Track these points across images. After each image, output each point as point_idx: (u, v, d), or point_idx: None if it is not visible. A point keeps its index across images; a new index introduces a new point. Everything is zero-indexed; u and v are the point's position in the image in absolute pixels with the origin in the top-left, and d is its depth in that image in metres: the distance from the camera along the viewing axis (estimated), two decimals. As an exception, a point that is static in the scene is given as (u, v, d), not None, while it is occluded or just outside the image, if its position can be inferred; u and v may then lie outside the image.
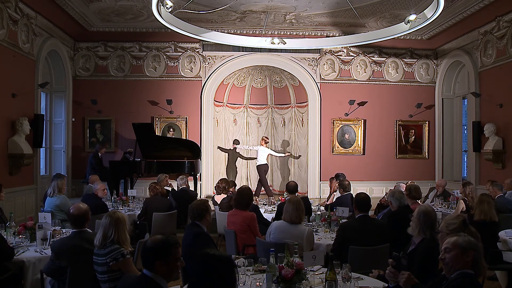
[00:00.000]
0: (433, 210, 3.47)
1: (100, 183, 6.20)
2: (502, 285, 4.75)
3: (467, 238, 2.47)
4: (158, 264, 2.30)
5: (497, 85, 8.66)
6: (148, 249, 2.36)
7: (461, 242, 2.45)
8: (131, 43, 10.48)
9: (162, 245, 2.34)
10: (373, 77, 10.93)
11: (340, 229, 4.16)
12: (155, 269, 2.31)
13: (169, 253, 2.33)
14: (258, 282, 3.01)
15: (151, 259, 2.32)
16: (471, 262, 2.41)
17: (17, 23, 7.61)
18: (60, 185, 5.77)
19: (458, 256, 2.43)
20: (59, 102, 10.07)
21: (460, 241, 2.46)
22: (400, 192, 4.98)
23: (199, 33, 8.42)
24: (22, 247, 4.09)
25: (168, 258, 2.32)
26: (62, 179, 6.01)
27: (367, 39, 8.69)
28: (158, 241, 2.36)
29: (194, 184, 9.33)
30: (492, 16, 8.45)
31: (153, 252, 2.33)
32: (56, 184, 5.75)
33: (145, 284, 2.31)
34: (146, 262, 2.35)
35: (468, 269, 2.41)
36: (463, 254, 2.41)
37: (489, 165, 8.74)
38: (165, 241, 2.36)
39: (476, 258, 2.42)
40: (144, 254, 2.38)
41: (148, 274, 2.33)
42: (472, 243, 2.45)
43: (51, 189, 5.78)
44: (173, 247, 2.36)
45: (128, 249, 3.19)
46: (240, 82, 11.37)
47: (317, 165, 10.78)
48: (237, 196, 4.86)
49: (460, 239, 2.47)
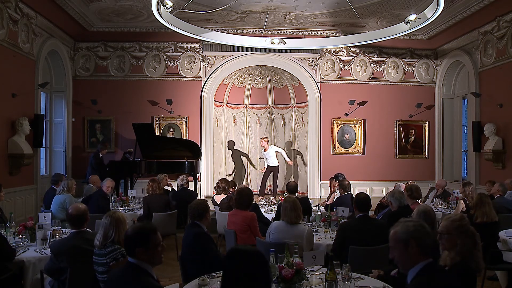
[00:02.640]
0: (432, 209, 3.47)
1: (109, 180, 6.40)
2: (502, 285, 4.75)
3: (405, 226, 2.20)
4: (138, 251, 2.38)
5: (497, 85, 8.66)
6: (128, 237, 2.45)
7: (399, 234, 2.19)
8: (131, 43, 10.48)
9: (141, 232, 2.42)
10: (373, 77, 10.93)
11: (340, 229, 4.16)
12: (136, 256, 2.38)
13: (148, 240, 2.40)
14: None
15: (132, 247, 2.40)
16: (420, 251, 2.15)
17: (17, 23, 7.61)
18: (70, 185, 6.05)
19: (402, 252, 2.19)
20: (59, 102, 10.07)
21: (398, 234, 2.20)
22: (400, 192, 4.98)
23: (199, 33, 8.42)
24: (22, 247, 4.10)
25: (148, 245, 2.39)
26: (72, 179, 6.38)
27: (367, 39, 8.69)
28: (137, 229, 2.46)
29: (194, 184, 9.33)
30: (492, 16, 8.45)
31: (133, 240, 2.41)
32: (67, 183, 6.03)
33: (130, 271, 2.39)
34: (128, 250, 2.45)
35: (423, 260, 2.16)
36: (406, 247, 2.16)
37: (489, 165, 8.74)
38: (144, 228, 2.46)
39: (422, 244, 2.15)
40: (126, 243, 2.47)
41: (133, 261, 2.41)
42: (410, 230, 2.17)
43: (60, 188, 6.03)
44: (152, 233, 2.43)
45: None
46: (240, 82, 11.37)
47: (317, 165, 10.78)
48: (237, 196, 4.87)
49: (398, 230, 2.21)
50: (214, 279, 3.07)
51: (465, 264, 2.65)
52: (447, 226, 2.81)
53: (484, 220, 4.70)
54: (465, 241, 2.71)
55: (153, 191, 6.47)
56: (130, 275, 2.36)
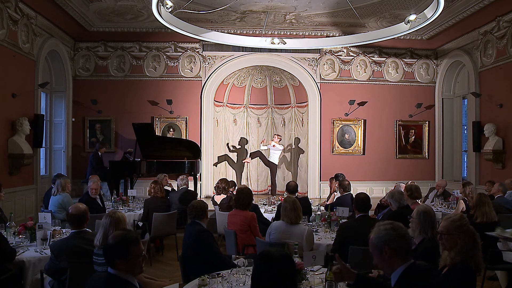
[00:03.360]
0: (432, 209, 3.47)
1: (94, 181, 6.03)
2: (502, 285, 4.75)
3: (378, 231, 2.16)
4: (118, 262, 2.27)
5: (497, 85, 8.66)
6: (107, 248, 2.34)
7: (373, 240, 2.15)
8: (131, 43, 10.48)
9: (121, 243, 2.29)
10: (373, 77, 10.93)
11: (340, 229, 4.16)
12: (117, 267, 2.28)
13: (128, 252, 2.27)
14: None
15: (111, 258, 2.30)
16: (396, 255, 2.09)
17: (17, 23, 7.61)
18: (64, 184, 5.84)
19: (379, 258, 2.15)
20: (59, 102, 10.07)
21: (373, 240, 2.16)
22: (400, 193, 4.97)
23: (199, 33, 8.42)
24: (22, 247, 4.09)
25: (127, 257, 2.27)
26: (65, 178, 6.06)
27: (367, 39, 8.69)
28: (117, 239, 2.32)
29: (194, 184, 9.33)
30: (492, 16, 8.45)
31: (112, 251, 2.30)
32: (60, 183, 5.83)
33: (111, 282, 2.29)
34: (107, 261, 2.33)
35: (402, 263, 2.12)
36: (381, 253, 2.13)
37: (489, 165, 8.74)
38: (124, 238, 2.31)
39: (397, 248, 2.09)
40: (105, 253, 2.37)
41: (113, 272, 2.30)
42: (382, 235, 2.13)
43: (55, 188, 5.85)
44: (132, 244, 2.30)
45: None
46: (240, 82, 11.37)
47: (317, 165, 10.78)
48: (237, 196, 4.87)
49: (372, 236, 2.17)
50: (214, 279, 3.06)
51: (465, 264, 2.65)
52: (447, 226, 2.81)
53: (484, 220, 4.71)
54: (465, 241, 2.71)
55: (155, 193, 6.46)
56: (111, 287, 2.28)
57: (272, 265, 2.09)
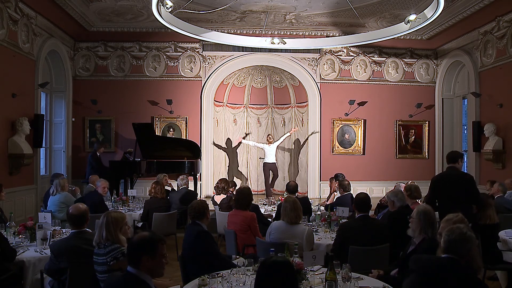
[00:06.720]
0: (432, 209, 3.47)
1: (103, 180, 6.29)
2: (502, 285, 4.75)
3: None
4: (144, 259, 2.32)
5: (497, 85, 8.66)
6: (134, 244, 2.38)
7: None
8: (131, 43, 10.48)
9: (149, 240, 2.37)
10: (373, 77, 10.93)
11: (340, 229, 4.16)
12: (141, 265, 2.32)
13: (156, 249, 2.35)
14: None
15: (137, 254, 2.34)
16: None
17: (17, 23, 7.61)
18: (62, 183, 5.91)
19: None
20: (59, 102, 10.07)
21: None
22: (402, 192, 5.00)
23: (199, 33, 8.42)
24: (22, 247, 4.09)
25: (155, 254, 2.34)
26: (63, 178, 6.14)
27: (367, 39, 8.69)
28: (145, 237, 2.40)
29: (194, 184, 9.33)
30: (492, 16, 8.45)
31: (140, 247, 2.35)
32: (58, 182, 5.88)
33: (129, 281, 2.32)
34: (132, 258, 2.37)
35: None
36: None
37: (489, 165, 8.74)
38: (152, 237, 2.41)
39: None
40: (131, 250, 2.40)
41: (132, 271, 2.33)
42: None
43: (53, 188, 5.89)
44: (160, 243, 2.40)
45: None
46: (240, 82, 11.37)
47: (317, 165, 10.78)
48: (237, 196, 4.87)
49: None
50: (214, 279, 3.07)
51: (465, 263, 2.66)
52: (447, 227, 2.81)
53: (487, 223, 4.70)
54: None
55: (155, 194, 6.45)
56: (128, 287, 2.31)
57: (275, 272, 2.19)
